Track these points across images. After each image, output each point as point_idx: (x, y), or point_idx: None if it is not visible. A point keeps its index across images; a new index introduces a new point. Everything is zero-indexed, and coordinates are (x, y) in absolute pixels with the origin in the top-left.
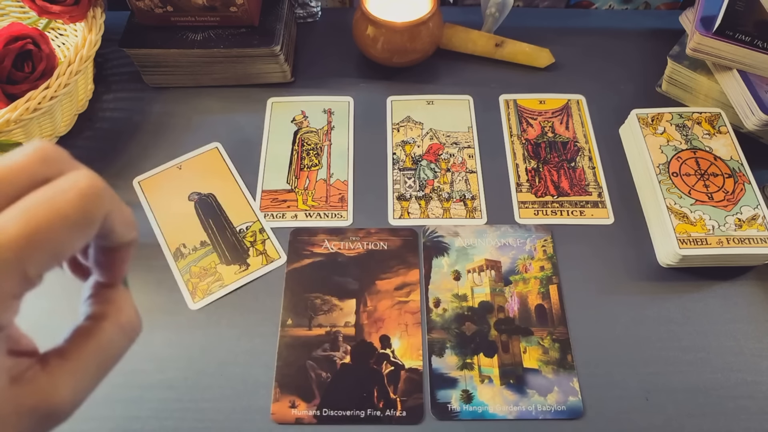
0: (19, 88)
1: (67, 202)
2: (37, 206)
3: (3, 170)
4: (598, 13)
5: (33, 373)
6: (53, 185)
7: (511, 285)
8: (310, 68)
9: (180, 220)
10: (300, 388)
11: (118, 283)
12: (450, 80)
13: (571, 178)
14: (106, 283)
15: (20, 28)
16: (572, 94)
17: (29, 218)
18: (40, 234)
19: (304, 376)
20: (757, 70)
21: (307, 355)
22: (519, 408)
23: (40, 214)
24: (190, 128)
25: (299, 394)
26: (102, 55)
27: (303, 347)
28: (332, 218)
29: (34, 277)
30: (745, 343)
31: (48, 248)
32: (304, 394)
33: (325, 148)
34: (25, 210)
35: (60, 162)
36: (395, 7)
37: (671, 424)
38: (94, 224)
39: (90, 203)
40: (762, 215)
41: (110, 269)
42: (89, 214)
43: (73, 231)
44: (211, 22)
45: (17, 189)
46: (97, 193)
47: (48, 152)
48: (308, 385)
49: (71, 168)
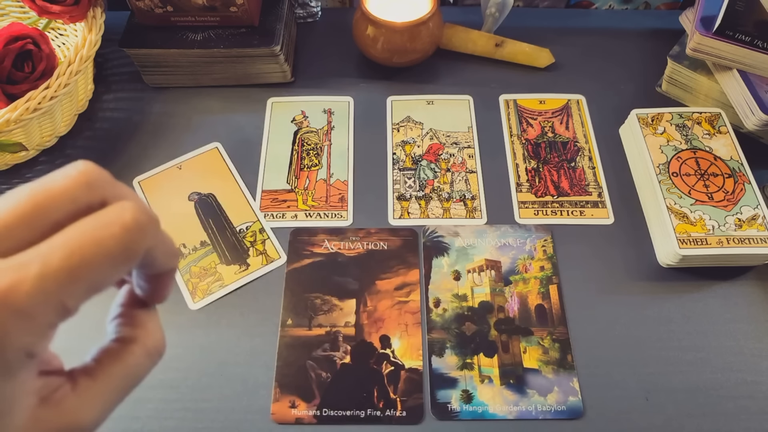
0: (19, 88)
1: (111, 237)
2: (80, 239)
3: (46, 195)
4: (598, 13)
5: (62, 394)
6: (98, 217)
7: (511, 285)
8: (310, 68)
9: (180, 220)
10: (300, 388)
11: (153, 305)
12: (450, 80)
13: (571, 178)
14: (138, 302)
15: (20, 28)
16: (572, 94)
17: (72, 251)
18: (82, 268)
19: (304, 376)
20: (757, 70)
21: (307, 355)
22: (519, 408)
23: (83, 248)
24: (190, 128)
25: (299, 394)
26: (102, 55)
27: (303, 347)
28: (332, 218)
29: (71, 308)
30: (745, 343)
31: (88, 281)
32: (304, 394)
33: (325, 148)
34: (69, 242)
35: (104, 187)
36: (395, 7)
37: (671, 424)
38: (136, 258)
39: (133, 239)
40: (762, 215)
41: (149, 293)
42: (132, 249)
43: (115, 265)
44: (211, 22)
45: (60, 215)
46: (142, 228)
47: (92, 176)
48: (308, 385)
49: (114, 193)
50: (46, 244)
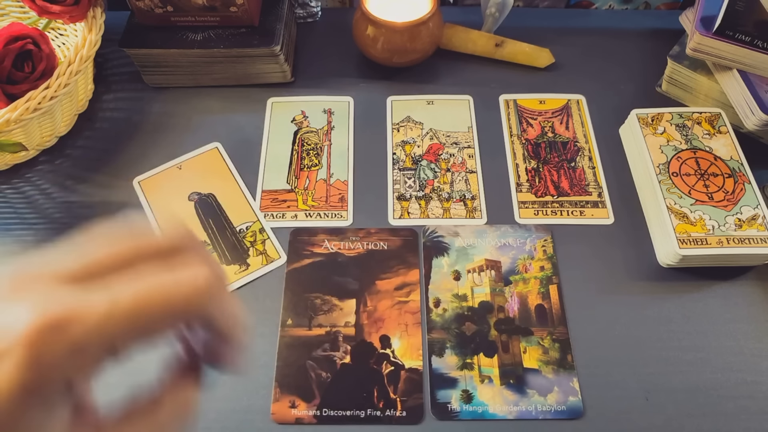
0: (19, 88)
1: (180, 296)
2: (152, 291)
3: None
4: (598, 13)
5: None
6: (175, 276)
7: (511, 285)
8: (310, 68)
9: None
10: (300, 388)
11: (202, 368)
12: (450, 80)
13: (571, 178)
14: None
15: (20, 28)
16: (572, 94)
17: (141, 301)
18: (143, 317)
19: (304, 376)
20: (757, 70)
21: (307, 355)
22: (519, 408)
23: (152, 300)
24: (190, 128)
25: (299, 394)
26: (102, 55)
27: (303, 347)
28: (332, 218)
29: (120, 353)
30: (745, 343)
31: (145, 331)
32: (304, 394)
33: (325, 148)
34: (140, 292)
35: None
36: (395, 7)
37: (671, 424)
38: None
39: (201, 302)
40: (762, 215)
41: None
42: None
43: (174, 323)
44: (211, 22)
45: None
46: (208, 293)
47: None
48: (308, 385)
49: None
50: (119, 288)
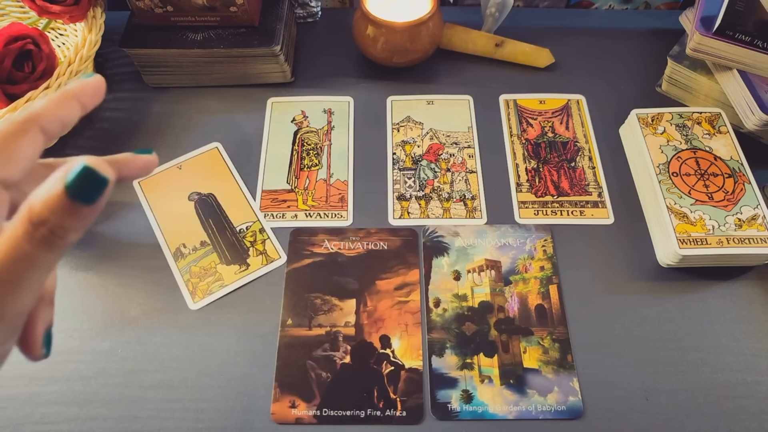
0: (19, 88)
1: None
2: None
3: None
4: (598, 13)
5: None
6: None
7: (511, 285)
8: (310, 68)
9: (180, 220)
10: (300, 388)
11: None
12: (450, 80)
13: (571, 178)
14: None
15: (20, 28)
16: (572, 94)
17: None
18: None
19: (304, 376)
20: (757, 70)
21: (307, 355)
22: (519, 408)
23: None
24: (190, 128)
25: (299, 394)
26: (102, 55)
27: (303, 347)
28: (332, 218)
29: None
30: (745, 343)
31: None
32: (304, 394)
33: (325, 148)
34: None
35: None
36: (395, 7)
37: (671, 424)
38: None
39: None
40: (762, 215)
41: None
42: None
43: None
44: (211, 22)
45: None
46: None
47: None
48: (308, 385)
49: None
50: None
